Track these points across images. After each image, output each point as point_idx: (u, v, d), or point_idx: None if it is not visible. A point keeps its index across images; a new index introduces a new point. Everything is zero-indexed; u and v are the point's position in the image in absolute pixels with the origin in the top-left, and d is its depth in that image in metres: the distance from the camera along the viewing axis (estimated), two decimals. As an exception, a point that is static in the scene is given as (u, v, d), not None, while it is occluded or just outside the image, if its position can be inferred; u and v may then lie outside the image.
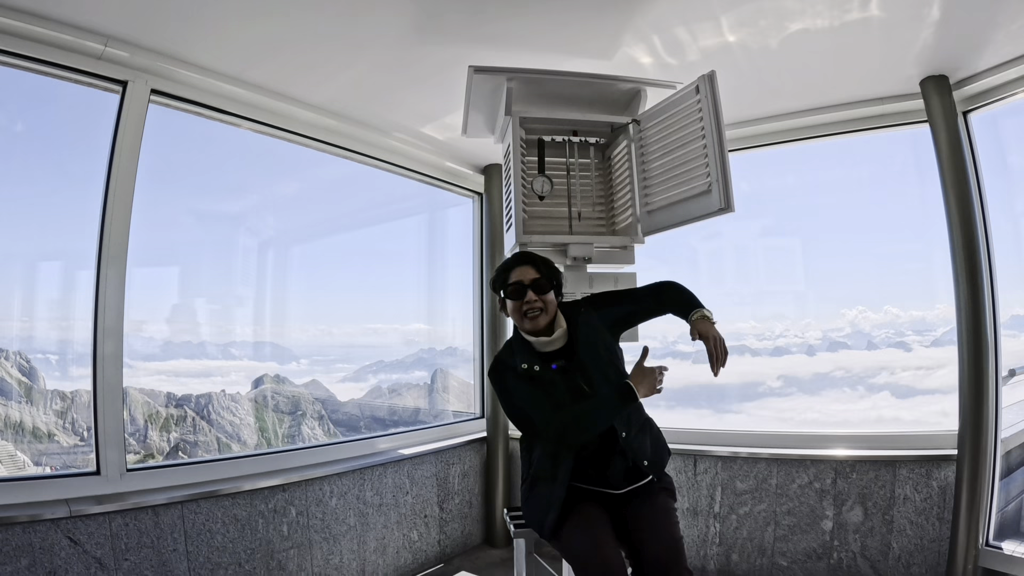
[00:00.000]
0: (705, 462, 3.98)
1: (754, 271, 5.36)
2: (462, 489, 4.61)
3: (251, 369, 4.62)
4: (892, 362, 6.04)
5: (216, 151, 4.11)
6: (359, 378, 5.23)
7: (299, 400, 4.83)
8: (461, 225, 5.24)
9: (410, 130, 4.20)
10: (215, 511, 3.17)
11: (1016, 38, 2.99)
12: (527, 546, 2.59)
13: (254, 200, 4.66)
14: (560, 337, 2.31)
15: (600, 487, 2.27)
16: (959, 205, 3.31)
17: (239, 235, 4.53)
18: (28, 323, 3.42)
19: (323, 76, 3.42)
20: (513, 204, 2.65)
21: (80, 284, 3.48)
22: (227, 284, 4.46)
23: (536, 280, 2.27)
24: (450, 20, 2.83)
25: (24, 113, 3.31)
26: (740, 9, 2.76)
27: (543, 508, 2.23)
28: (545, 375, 2.24)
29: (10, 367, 3.70)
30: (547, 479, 2.25)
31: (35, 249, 3.46)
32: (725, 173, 2.44)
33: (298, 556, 3.51)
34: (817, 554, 3.70)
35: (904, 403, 4.01)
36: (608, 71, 3.03)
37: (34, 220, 3.44)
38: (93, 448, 2.95)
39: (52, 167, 3.54)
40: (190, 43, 3.03)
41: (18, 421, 3.62)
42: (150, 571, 2.91)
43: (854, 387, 6.64)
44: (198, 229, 4.31)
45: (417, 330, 5.46)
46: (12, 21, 2.62)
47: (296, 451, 3.75)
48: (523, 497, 2.41)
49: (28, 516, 2.59)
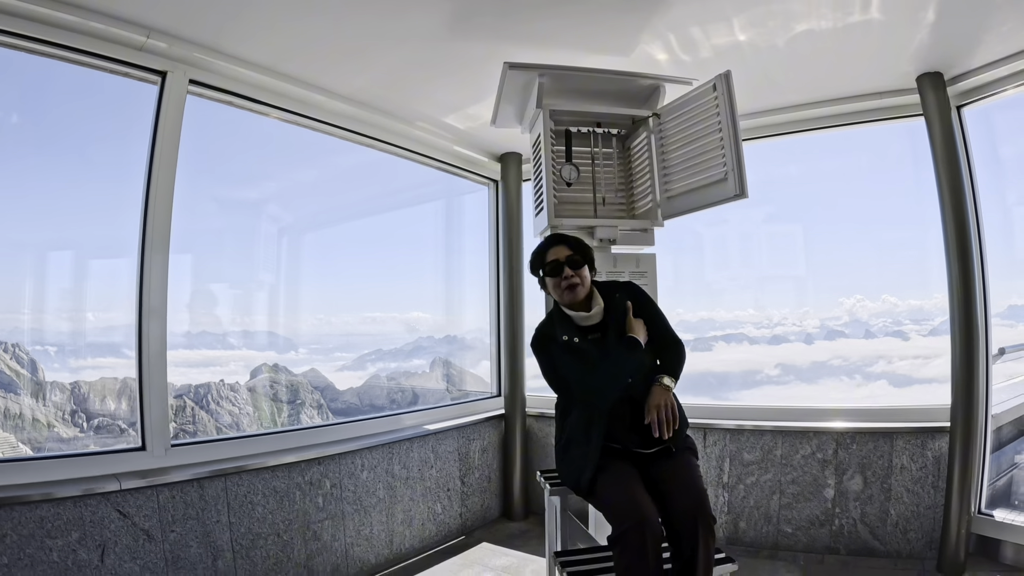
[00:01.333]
0: (714, 435, 4.19)
1: (757, 256, 5.52)
2: (482, 464, 4.82)
3: (249, 359, 4.66)
4: (889, 351, 6.16)
5: (233, 138, 4.17)
6: (358, 366, 5.30)
7: (298, 388, 4.89)
8: (477, 211, 5.41)
9: (433, 119, 4.38)
10: (256, 483, 3.32)
11: (1006, 39, 3.22)
12: (561, 503, 2.82)
13: (272, 188, 4.74)
14: (597, 313, 2.56)
15: (630, 446, 2.50)
16: (951, 193, 3.53)
17: (259, 222, 4.62)
18: (29, 315, 3.42)
19: (355, 68, 3.59)
20: (544, 190, 2.88)
21: (91, 273, 3.62)
22: (249, 270, 4.55)
23: (570, 257, 2.52)
24: (481, 20, 3.03)
25: (57, 105, 3.37)
26: (751, 11, 2.98)
27: (578, 467, 2.46)
28: (583, 346, 2.49)
29: (8, 358, 3.68)
30: (581, 442, 2.48)
31: (45, 239, 3.48)
32: (740, 162, 2.68)
33: (332, 527, 3.68)
34: (820, 521, 3.92)
35: (901, 392, 4.17)
36: (626, 67, 3.27)
37: (46, 210, 3.46)
38: (138, 427, 3.07)
39: (76, 158, 3.59)
40: (229, 35, 3.17)
41: (18, 412, 3.62)
42: (195, 542, 3.05)
43: (851, 376, 6.70)
44: (214, 218, 4.32)
45: (417, 318, 5.58)
46: (58, 13, 2.72)
47: (329, 426, 3.95)
48: (557, 458, 2.64)
49: (79, 491, 2.70)
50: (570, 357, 2.48)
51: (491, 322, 5.25)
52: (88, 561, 2.69)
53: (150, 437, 3.05)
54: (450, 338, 5.65)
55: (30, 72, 3.04)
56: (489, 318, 5.27)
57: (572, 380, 2.46)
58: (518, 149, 5.04)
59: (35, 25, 2.72)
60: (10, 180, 3.21)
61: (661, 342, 2.60)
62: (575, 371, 2.45)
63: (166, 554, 2.94)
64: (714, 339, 6.25)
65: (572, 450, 2.52)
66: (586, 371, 2.43)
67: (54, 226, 3.49)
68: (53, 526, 2.62)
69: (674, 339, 2.63)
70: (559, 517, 2.82)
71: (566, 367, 2.48)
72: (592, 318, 2.56)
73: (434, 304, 5.65)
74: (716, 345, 6.46)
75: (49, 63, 2.91)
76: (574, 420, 2.53)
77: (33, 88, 3.19)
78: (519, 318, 5.04)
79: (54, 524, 2.62)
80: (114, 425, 3.82)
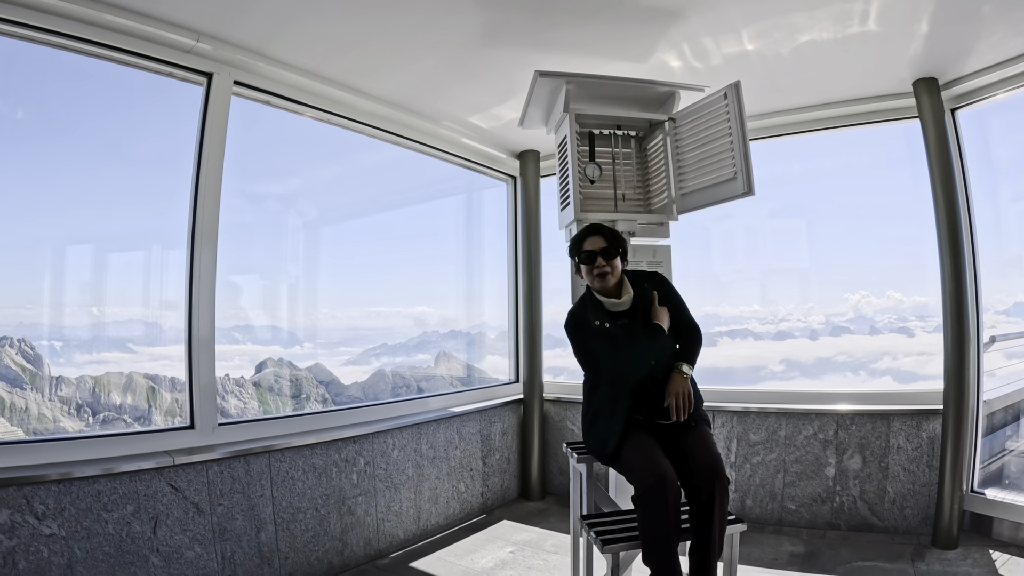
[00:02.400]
0: (722, 417, 4.43)
1: (762, 250, 5.68)
2: (502, 446, 5.06)
3: (254, 353, 4.66)
4: (894, 347, 6.18)
5: (255, 132, 4.10)
6: (363, 361, 5.30)
7: (302, 383, 4.91)
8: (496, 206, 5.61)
9: (458, 119, 4.60)
10: (297, 460, 3.52)
11: (996, 47, 3.45)
12: (586, 471, 3.09)
13: (295, 183, 4.81)
14: (626, 301, 2.81)
15: (652, 418, 2.74)
16: (944, 191, 3.77)
17: (278, 217, 4.69)
18: (35, 310, 3.44)
19: (390, 72, 3.79)
20: (571, 186, 3.14)
21: (112, 267, 3.65)
22: (265, 265, 4.63)
23: (604, 248, 2.76)
24: (512, 28, 3.26)
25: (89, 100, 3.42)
26: (758, 24, 3.23)
27: (604, 438, 2.72)
28: (613, 331, 2.74)
29: (14, 354, 3.66)
30: (607, 415, 2.73)
31: (54, 235, 3.48)
32: (747, 163, 2.95)
33: (365, 502, 3.89)
34: (821, 498, 4.16)
35: (906, 388, 4.33)
36: (643, 73, 3.54)
37: (59, 206, 3.46)
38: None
39: (108, 152, 3.63)
40: (275, 41, 3.36)
41: (24, 407, 3.61)
42: (240, 515, 3.25)
43: (856, 372, 6.76)
44: (234, 213, 4.15)
45: (423, 312, 5.67)
46: (111, 16, 2.87)
47: (362, 407, 4.17)
48: (584, 429, 2.90)
49: (135, 467, 2.87)
50: (600, 341, 2.72)
51: (510, 312, 5.48)
52: (141, 533, 2.87)
53: (199, 416, 3.24)
54: (456, 333, 5.75)
55: (59, 67, 3.13)
56: (508, 308, 5.49)
57: (601, 361, 2.71)
58: (536, 147, 5.28)
59: (85, 27, 2.87)
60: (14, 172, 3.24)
61: (682, 328, 2.83)
62: (605, 353, 2.70)
63: (213, 526, 3.13)
64: (719, 334, 6.22)
65: (599, 423, 2.78)
66: (614, 354, 2.67)
67: (63, 222, 3.51)
68: (109, 499, 2.79)
69: (693, 326, 2.86)
70: (585, 484, 3.08)
71: (597, 350, 2.73)
72: (621, 305, 2.80)
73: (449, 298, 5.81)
74: (721, 340, 6.44)
75: (75, 58, 3.00)
76: (601, 395, 2.78)
77: (60, 83, 3.26)
78: (537, 308, 5.27)
79: (110, 498, 2.79)
80: (120, 419, 3.85)
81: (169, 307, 3.56)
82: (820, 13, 3.12)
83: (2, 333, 3.70)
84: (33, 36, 2.81)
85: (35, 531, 2.58)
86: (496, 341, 5.71)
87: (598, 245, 2.77)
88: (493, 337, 5.76)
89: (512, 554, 3.99)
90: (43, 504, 2.60)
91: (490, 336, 5.80)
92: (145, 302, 3.75)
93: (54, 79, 3.20)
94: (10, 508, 2.52)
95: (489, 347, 5.80)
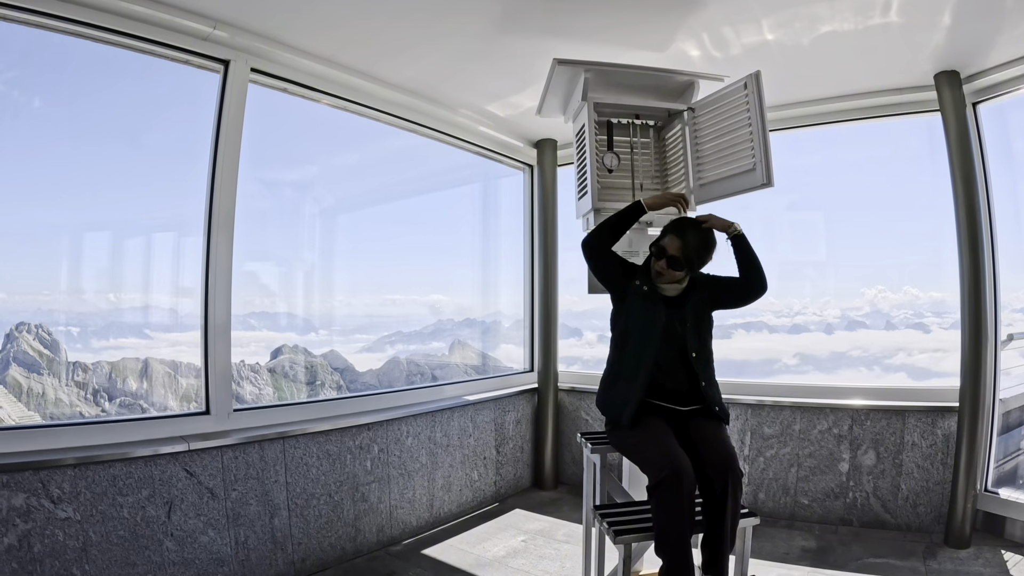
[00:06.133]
0: (736, 409, 4.41)
1: (779, 243, 5.63)
2: (515, 435, 5.08)
3: (270, 339, 4.69)
4: (910, 343, 6.23)
5: (275, 120, 4.14)
6: (378, 348, 5.35)
7: (317, 370, 4.95)
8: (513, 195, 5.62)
9: (476, 107, 4.60)
10: (311, 446, 3.54)
11: (1018, 41, 3.40)
12: (600, 461, 3.09)
13: (313, 170, 4.83)
14: (679, 292, 2.82)
15: (668, 403, 2.75)
16: (964, 185, 3.73)
17: (296, 204, 4.71)
18: (53, 296, 3.46)
19: (408, 59, 3.77)
20: (588, 175, 3.13)
21: (129, 253, 3.68)
22: (282, 252, 4.66)
23: (673, 258, 2.73)
24: (529, 16, 3.25)
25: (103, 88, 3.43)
26: (779, 13, 3.20)
27: (622, 401, 2.72)
28: (653, 295, 2.77)
29: (32, 339, 3.73)
30: (628, 378, 2.73)
31: (73, 221, 3.50)
32: (767, 154, 2.92)
33: (378, 489, 3.92)
34: (835, 494, 4.15)
35: (927, 384, 4.31)
36: (661, 62, 3.52)
37: (75, 192, 3.48)
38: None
39: (126, 140, 3.65)
40: (293, 28, 3.34)
41: (41, 392, 3.66)
42: (254, 500, 3.27)
43: (870, 367, 6.77)
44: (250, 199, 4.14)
45: (437, 300, 5.70)
46: (131, 5, 2.89)
47: (377, 395, 4.19)
48: (602, 389, 2.90)
49: (150, 451, 2.88)
50: (642, 304, 2.78)
51: (525, 301, 5.48)
52: (156, 517, 2.90)
53: (214, 402, 3.25)
54: (471, 321, 5.75)
55: (76, 56, 3.13)
56: (523, 297, 5.50)
57: (636, 326, 2.77)
58: (554, 135, 5.26)
59: (102, 15, 2.87)
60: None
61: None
62: (639, 320, 2.76)
63: (228, 511, 3.16)
64: (734, 327, 6.20)
65: (619, 384, 2.78)
66: (648, 327, 2.73)
67: (80, 209, 3.54)
68: (125, 484, 2.81)
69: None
70: (598, 474, 3.08)
71: (635, 309, 2.78)
72: (670, 290, 2.81)
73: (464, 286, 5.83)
74: (736, 333, 6.46)
75: (92, 46, 3.00)
76: (626, 355, 2.79)
77: (77, 72, 3.27)
78: (553, 297, 5.27)
79: (126, 482, 2.81)
80: (136, 405, 3.89)
81: (185, 293, 3.57)
82: (841, 3, 3.09)
83: (20, 319, 3.72)
84: (50, 24, 2.80)
85: (51, 515, 2.61)
86: (511, 330, 5.72)
87: (673, 247, 2.74)
88: (508, 326, 5.77)
89: (524, 543, 4.00)
90: (59, 488, 2.63)
91: (505, 325, 5.80)
92: (162, 288, 3.77)
93: (71, 67, 3.21)
94: (26, 492, 2.55)
95: (504, 336, 5.80)
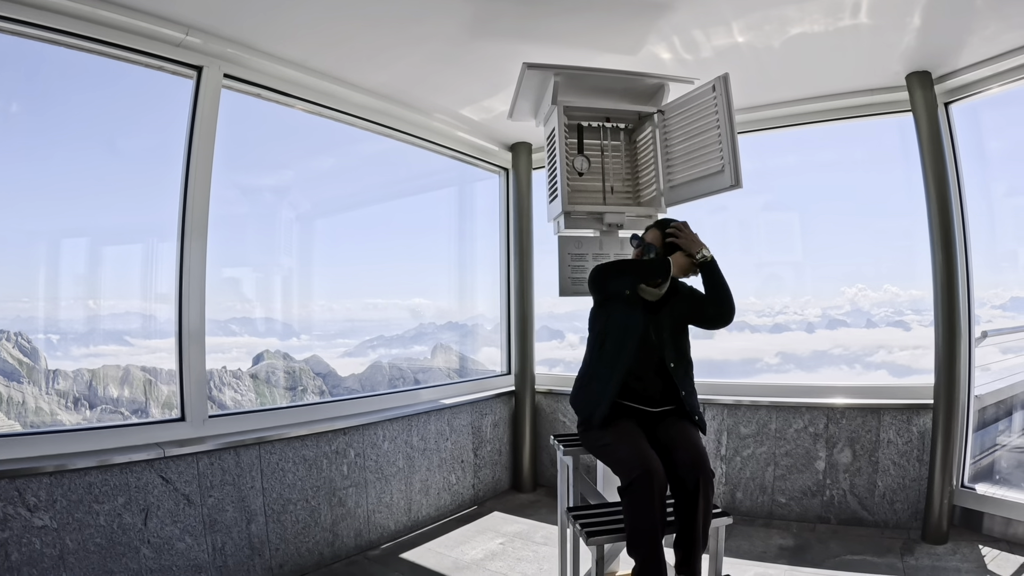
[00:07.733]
0: (712, 409, 4.44)
1: (756, 243, 5.69)
2: (493, 438, 5.08)
3: (251, 345, 4.65)
4: (890, 341, 6.14)
5: (248, 125, 4.11)
6: (360, 353, 5.30)
7: (300, 375, 4.89)
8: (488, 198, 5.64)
9: (450, 111, 4.60)
10: (287, 452, 3.53)
11: (989, 41, 3.43)
12: (573, 463, 3.09)
13: (288, 175, 4.81)
14: (658, 297, 2.83)
15: (640, 404, 2.77)
16: (936, 185, 3.76)
17: (271, 209, 4.66)
18: (32, 303, 3.41)
19: (381, 64, 3.78)
20: (559, 178, 3.13)
21: (107, 260, 3.64)
22: (258, 257, 4.62)
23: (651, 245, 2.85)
24: (501, 21, 3.25)
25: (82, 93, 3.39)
26: (748, 16, 3.22)
27: (595, 401, 2.75)
28: (633, 300, 2.79)
29: (11, 347, 3.64)
30: (603, 379, 2.75)
31: (52, 228, 3.47)
32: (735, 156, 2.93)
33: (355, 494, 3.91)
34: (812, 492, 4.17)
35: (902, 382, 4.34)
36: (633, 65, 3.55)
37: (55, 198, 3.45)
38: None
39: (102, 146, 3.61)
40: (264, 34, 3.34)
41: (21, 401, 3.59)
42: (231, 506, 3.26)
43: (851, 365, 6.68)
44: (225, 205, 4.06)
45: (420, 304, 5.68)
46: (101, 11, 2.88)
47: (353, 399, 4.19)
48: (576, 388, 2.91)
49: (126, 458, 2.86)
50: (622, 308, 2.80)
51: (502, 304, 5.49)
52: (132, 524, 2.89)
53: (189, 408, 3.24)
54: (452, 324, 5.75)
55: (52, 62, 3.12)
56: (500, 300, 5.51)
57: (614, 328, 2.80)
58: (528, 139, 5.27)
59: (76, 22, 2.88)
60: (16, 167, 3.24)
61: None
62: (617, 324, 2.79)
63: (204, 517, 3.15)
64: None
65: (593, 384, 2.79)
66: (625, 332, 2.76)
67: (58, 216, 3.51)
68: (101, 491, 2.80)
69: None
70: (571, 476, 3.09)
71: (615, 312, 2.81)
72: (649, 295, 2.82)
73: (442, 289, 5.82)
74: (717, 333, 6.51)
75: (69, 53, 3.01)
76: (604, 356, 2.80)
77: (53, 78, 3.24)
78: (528, 300, 5.27)
79: (101, 490, 2.80)
80: (117, 412, 3.82)
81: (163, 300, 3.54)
82: (811, 6, 3.11)
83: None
84: (26, 32, 2.81)
85: (27, 523, 2.59)
86: (492, 333, 5.71)
87: (651, 239, 2.87)
88: (490, 329, 5.77)
89: (502, 545, 4.00)
90: (35, 496, 2.62)
91: (486, 328, 5.81)
92: (141, 295, 3.74)
93: (47, 74, 3.18)
94: (2, 500, 2.54)
95: (485, 339, 5.81)
